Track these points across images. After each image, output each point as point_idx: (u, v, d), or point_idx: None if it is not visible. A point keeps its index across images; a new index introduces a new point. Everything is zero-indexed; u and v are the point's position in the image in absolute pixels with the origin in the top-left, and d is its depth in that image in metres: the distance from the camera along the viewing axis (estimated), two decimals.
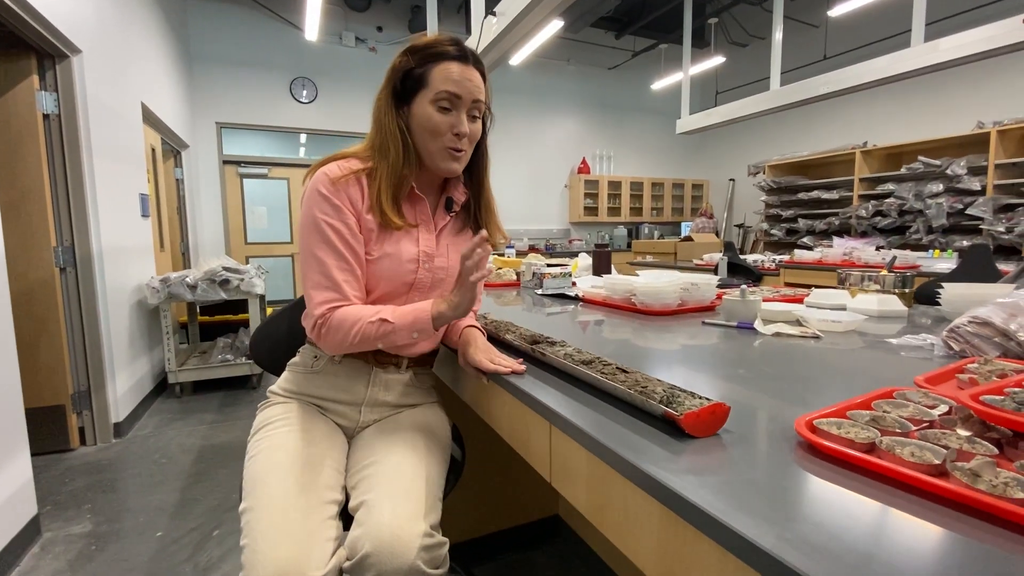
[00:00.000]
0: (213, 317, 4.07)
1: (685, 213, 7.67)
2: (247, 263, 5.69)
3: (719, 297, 1.53)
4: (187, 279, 3.13)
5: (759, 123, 6.35)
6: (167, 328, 3.19)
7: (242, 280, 3.29)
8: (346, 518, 0.82)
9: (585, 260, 2.24)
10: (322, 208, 0.85)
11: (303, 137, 5.93)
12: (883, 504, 0.43)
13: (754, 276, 3.55)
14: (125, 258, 2.86)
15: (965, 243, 4.22)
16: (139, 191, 3.13)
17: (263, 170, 5.69)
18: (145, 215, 3.23)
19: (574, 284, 1.96)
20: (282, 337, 1.14)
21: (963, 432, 0.52)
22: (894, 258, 1.69)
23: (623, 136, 7.43)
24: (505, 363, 0.82)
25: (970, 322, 0.87)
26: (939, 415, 0.57)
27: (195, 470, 2.30)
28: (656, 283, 1.37)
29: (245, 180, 5.64)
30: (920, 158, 4.50)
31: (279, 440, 0.85)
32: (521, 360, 0.85)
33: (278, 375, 1.17)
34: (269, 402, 0.96)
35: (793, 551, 0.37)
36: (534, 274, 1.98)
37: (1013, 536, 0.38)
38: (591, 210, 7.01)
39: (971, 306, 1.16)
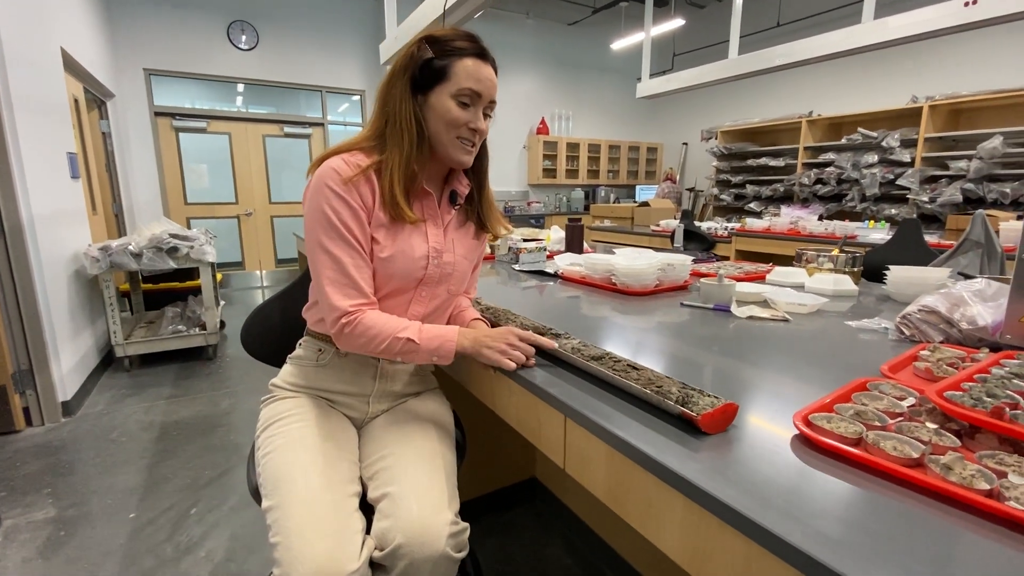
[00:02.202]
0: (158, 285, 3.83)
1: (640, 176, 7.81)
2: (188, 226, 5.37)
3: (693, 274, 1.63)
4: (130, 247, 2.92)
5: (712, 88, 6.46)
6: (110, 299, 2.99)
7: (192, 247, 3.11)
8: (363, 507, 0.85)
9: (557, 233, 2.28)
10: (333, 205, 0.83)
11: (240, 87, 5.49)
12: (876, 494, 0.51)
13: (708, 243, 3.73)
14: (58, 225, 2.63)
15: (893, 211, 4.58)
16: (66, 150, 2.85)
17: (201, 123, 5.27)
18: (75, 176, 2.95)
19: (550, 257, 2.01)
20: (275, 326, 1.12)
21: (930, 424, 0.61)
22: (845, 238, 1.83)
23: (581, 96, 7.37)
24: (519, 356, 0.85)
25: (919, 310, 0.98)
26: (908, 407, 0.66)
27: (159, 448, 2.24)
28: (636, 265, 1.43)
29: (181, 134, 5.21)
30: (859, 129, 4.78)
31: (295, 435, 0.86)
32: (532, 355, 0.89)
33: (270, 364, 1.16)
34: (274, 396, 0.96)
35: (815, 544, 0.44)
36: (509, 248, 2.00)
37: (979, 521, 0.46)
38: (549, 172, 7.01)
39: (912, 288, 1.31)
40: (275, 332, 1.13)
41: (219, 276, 4.31)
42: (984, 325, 0.89)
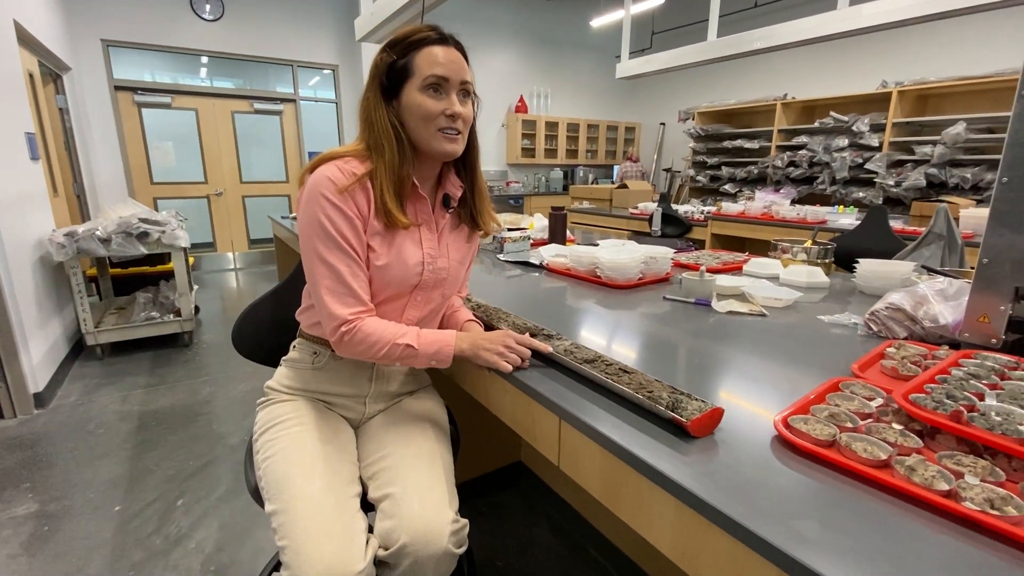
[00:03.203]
0: (127, 270, 3.71)
1: (618, 156, 7.83)
2: (156, 206, 5.18)
3: (675, 264, 1.68)
4: (97, 232, 2.82)
5: (690, 68, 6.49)
6: (79, 286, 2.89)
7: (163, 232, 3.02)
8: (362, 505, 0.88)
9: (541, 221, 2.29)
10: (329, 214, 0.83)
11: (204, 59, 5.23)
12: (849, 494, 0.56)
13: (685, 227, 3.80)
14: (19, 210, 2.52)
15: (861, 194, 4.72)
16: (25, 129, 2.70)
17: (165, 99, 5.04)
18: (35, 158, 2.81)
19: (534, 246, 2.03)
20: (266, 327, 1.12)
21: (896, 425, 0.67)
22: (816, 230, 1.91)
23: (560, 74, 7.29)
24: (515, 358, 0.87)
25: (887, 308, 1.05)
26: (876, 407, 0.72)
27: (140, 438, 2.22)
28: (619, 258, 1.47)
29: (144, 110, 4.98)
30: (831, 113, 4.88)
31: (295, 439, 0.88)
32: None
33: (263, 364, 1.16)
34: (271, 399, 0.97)
35: (795, 544, 0.48)
36: (494, 238, 2.01)
37: (939, 520, 0.52)
38: (528, 151, 6.96)
39: (880, 281, 1.38)
40: (267, 333, 1.13)
41: (191, 260, 4.20)
42: (945, 323, 0.96)
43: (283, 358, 1.02)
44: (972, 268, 0.99)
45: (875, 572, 0.45)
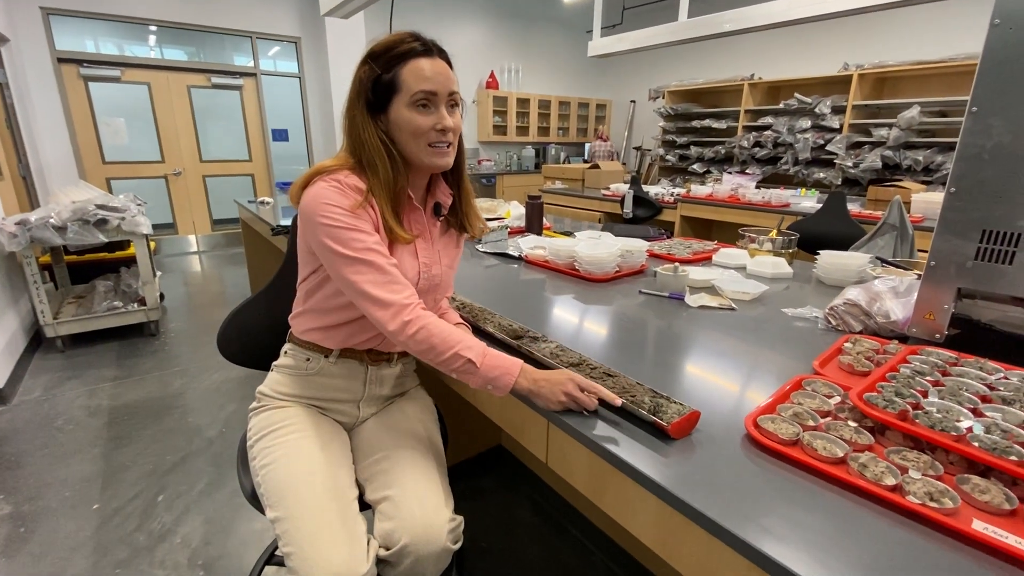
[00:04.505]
0: (83, 256, 3.55)
1: (589, 134, 7.83)
2: (109, 188, 4.93)
3: (649, 254, 1.74)
4: (51, 220, 2.68)
5: (661, 45, 6.48)
6: (33, 276, 2.76)
7: (123, 219, 2.89)
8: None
9: (518, 209, 2.31)
10: (344, 219, 0.82)
11: (154, 28, 4.92)
12: (811, 491, 0.63)
13: (655, 209, 3.88)
14: None
15: (822, 175, 4.90)
16: None
17: (114, 72, 4.74)
18: None
19: (512, 234, 2.05)
20: (254, 331, 1.12)
21: (851, 423, 0.74)
22: (782, 218, 1.99)
23: (531, 49, 7.17)
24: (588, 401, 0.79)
25: (844, 303, 1.13)
26: (834, 404, 0.79)
27: (112, 434, 2.18)
28: (597, 253, 1.51)
29: (91, 84, 4.68)
30: (796, 95, 5.00)
31: (294, 447, 0.89)
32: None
33: (253, 368, 1.17)
34: (265, 406, 0.98)
35: (764, 540, 0.54)
36: None
37: (888, 513, 0.59)
38: (500, 128, 6.88)
39: (838, 272, 1.47)
40: (254, 337, 1.13)
41: (152, 245, 4.03)
42: (896, 319, 1.04)
43: (274, 363, 1.02)
44: (923, 251, 1.07)
45: (832, 564, 0.52)
